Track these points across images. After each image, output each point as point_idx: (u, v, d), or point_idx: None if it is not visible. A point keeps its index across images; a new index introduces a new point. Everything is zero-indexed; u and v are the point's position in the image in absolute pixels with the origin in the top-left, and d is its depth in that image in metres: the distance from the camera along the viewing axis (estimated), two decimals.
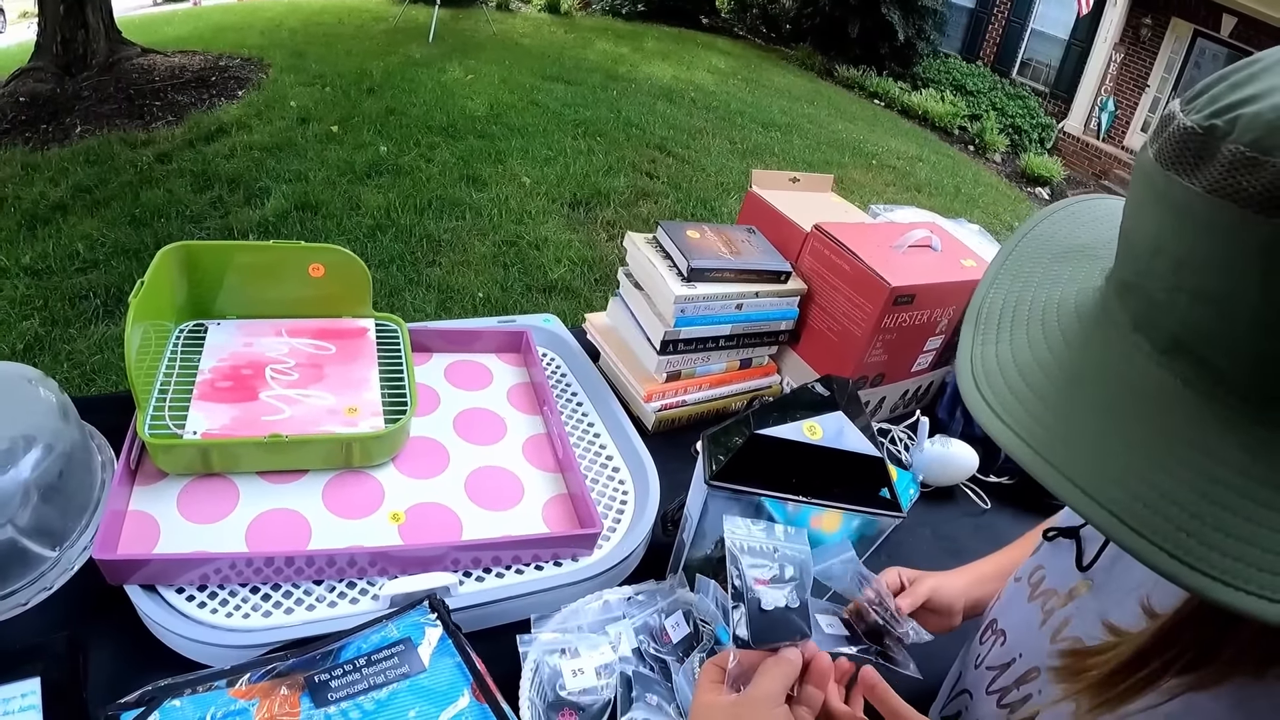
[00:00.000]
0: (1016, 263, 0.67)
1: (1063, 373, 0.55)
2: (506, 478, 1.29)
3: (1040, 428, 0.52)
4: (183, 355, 1.29)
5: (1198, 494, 0.47)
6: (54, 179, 5.23)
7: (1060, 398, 0.54)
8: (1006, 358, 0.58)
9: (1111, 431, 0.51)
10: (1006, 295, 0.64)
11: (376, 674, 0.88)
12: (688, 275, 1.43)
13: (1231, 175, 0.44)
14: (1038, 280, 0.64)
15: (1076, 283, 0.61)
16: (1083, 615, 0.78)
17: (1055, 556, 0.88)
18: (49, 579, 1.03)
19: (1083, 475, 0.49)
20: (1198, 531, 0.46)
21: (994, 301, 0.64)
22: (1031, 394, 0.55)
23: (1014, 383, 0.56)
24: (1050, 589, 0.86)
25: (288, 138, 6.11)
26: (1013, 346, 0.59)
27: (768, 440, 1.00)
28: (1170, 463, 0.48)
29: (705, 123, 8.41)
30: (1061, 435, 0.52)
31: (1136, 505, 0.47)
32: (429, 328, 1.51)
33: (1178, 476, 0.48)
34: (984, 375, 0.58)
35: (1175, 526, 0.46)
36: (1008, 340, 0.60)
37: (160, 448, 1.12)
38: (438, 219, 5.16)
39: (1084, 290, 0.60)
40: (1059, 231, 0.68)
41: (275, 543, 1.09)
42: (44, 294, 4.04)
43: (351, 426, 1.22)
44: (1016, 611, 0.90)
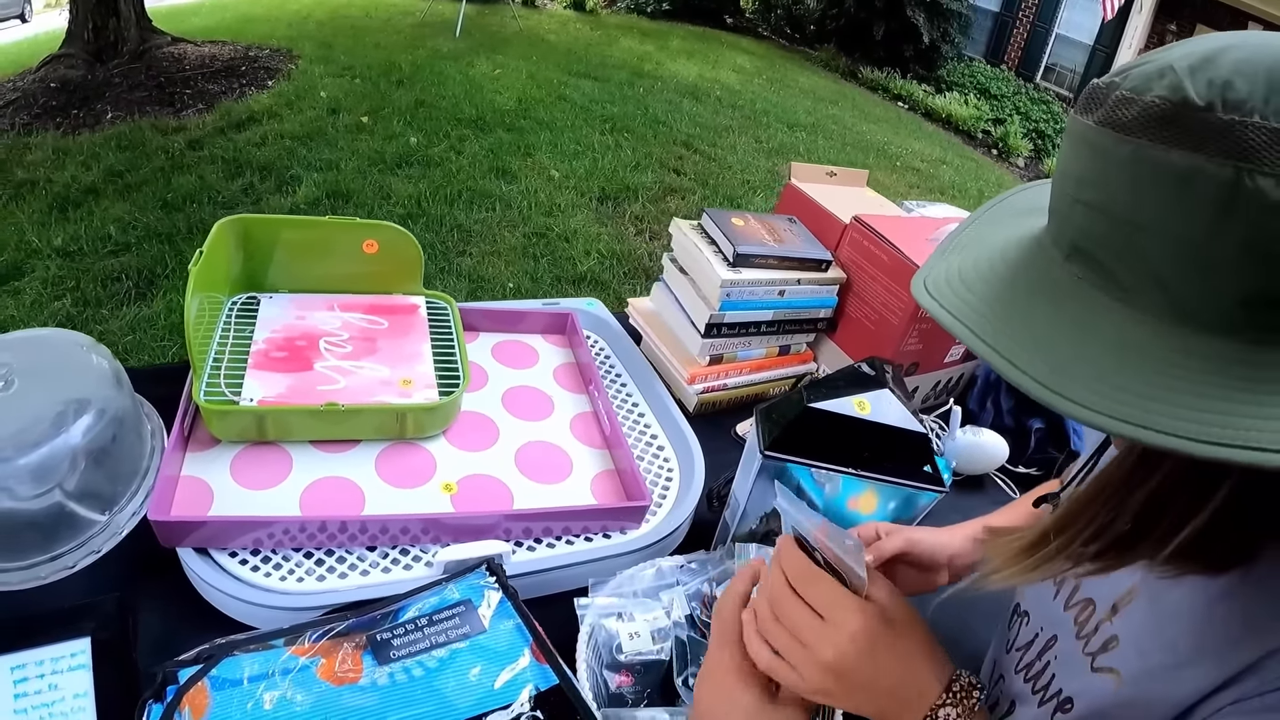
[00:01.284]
0: (988, 218, 0.76)
1: (995, 276, 0.64)
2: (555, 452, 1.31)
3: (972, 311, 0.62)
4: (236, 326, 1.31)
5: (1095, 364, 0.56)
6: (85, 163, 5.26)
7: (990, 291, 0.63)
8: (952, 269, 0.67)
9: (1029, 316, 0.60)
10: (972, 234, 0.73)
11: (438, 633, 0.90)
12: (733, 260, 1.44)
13: (1113, 110, 0.55)
14: (1003, 227, 0.71)
15: (1030, 228, 0.67)
16: (1089, 580, 0.81)
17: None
18: (97, 543, 1.03)
19: (1005, 346, 0.58)
20: (1102, 390, 0.54)
21: (961, 240, 0.73)
22: (965, 288, 0.64)
23: (954, 283, 0.65)
24: None
25: (318, 127, 6.14)
26: (959, 261, 0.68)
27: (819, 414, 1.01)
28: (1076, 336, 0.58)
29: (731, 121, 8.41)
30: (989, 318, 0.61)
31: (1045, 370, 0.56)
32: (476, 307, 1.53)
33: (1079, 346, 0.57)
34: (930, 279, 0.67)
35: (1083, 386, 0.55)
36: (955, 260, 0.69)
37: (216, 413, 1.13)
38: (468, 210, 5.18)
39: (1031, 229, 0.67)
40: (1032, 197, 0.74)
41: (329, 509, 1.11)
42: (75, 275, 4.07)
43: (406, 398, 1.23)
44: (1033, 591, 0.92)
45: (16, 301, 3.84)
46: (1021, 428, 1.64)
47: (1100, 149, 0.56)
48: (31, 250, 4.23)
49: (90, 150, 5.45)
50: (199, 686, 0.80)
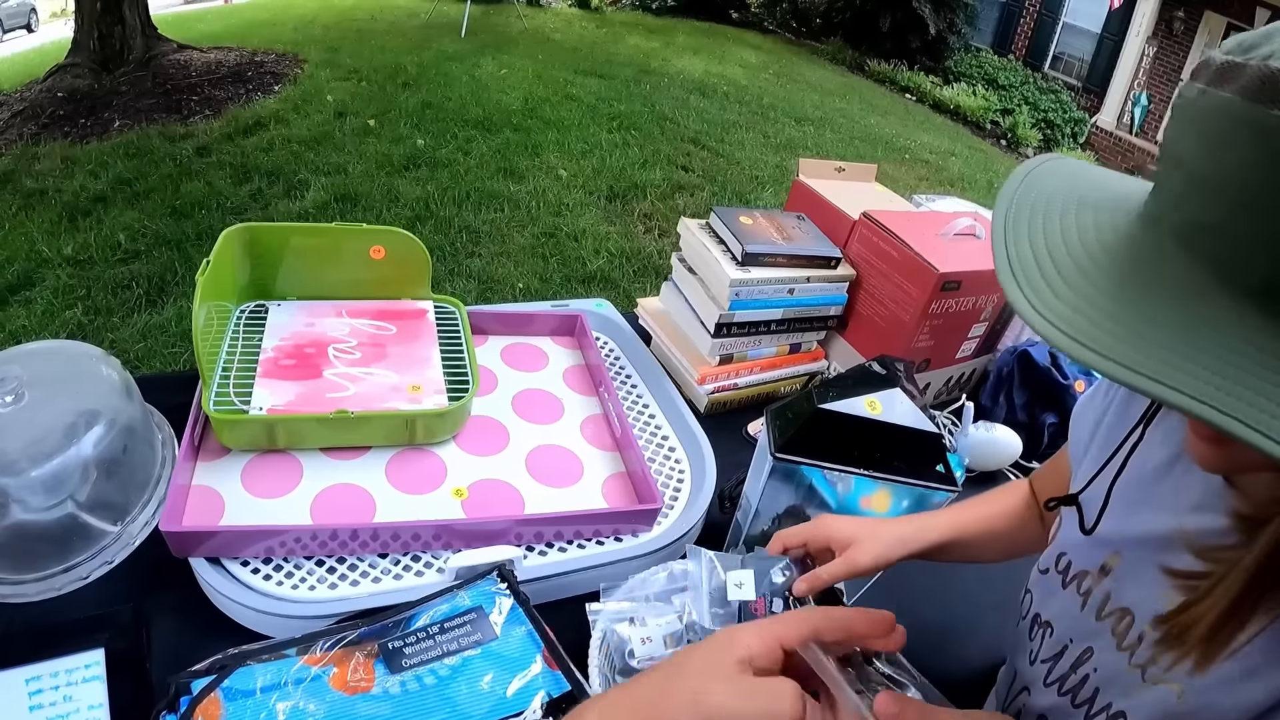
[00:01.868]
0: (1023, 212, 0.64)
1: (1100, 271, 0.55)
2: (566, 456, 1.30)
3: (1074, 314, 0.52)
4: (245, 334, 1.31)
5: (1218, 359, 0.48)
6: (94, 172, 5.29)
7: (1097, 293, 0.53)
8: (1047, 264, 0.57)
9: (1147, 316, 0.51)
10: (1033, 240, 0.60)
11: (450, 641, 0.90)
12: (742, 259, 1.44)
13: (1262, 82, 0.47)
14: (1059, 226, 0.61)
15: (1109, 230, 0.59)
16: (1121, 585, 0.79)
17: (1075, 539, 0.88)
18: (110, 553, 1.04)
19: (1128, 356, 0.48)
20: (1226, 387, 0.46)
21: (1020, 246, 0.60)
22: (1068, 289, 0.54)
23: (1054, 281, 0.55)
24: (1081, 571, 0.86)
25: (325, 131, 6.15)
26: (1061, 274, 0.56)
27: (830, 414, 1.01)
28: (1193, 333, 0.49)
29: (738, 117, 8.40)
30: (1104, 326, 0.51)
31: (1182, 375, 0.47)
32: (485, 310, 1.53)
33: (1202, 341, 0.49)
34: (1023, 275, 0.56)
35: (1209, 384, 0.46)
36: (1055, 274, 0.57)
37: (225, 423, 1.13)
38: (476, 211, 5.18)
39: (1120, 229, 0.58)
40: (1055, 186, 0.66)
41: (340, 516, 1.10)
42: (86, 283, 4.09)
43: (415, 404, 1.23)
44: (1055, 602, 0.89)
45: (28, 311, 3.86)
46: (1035, 423, 1.63)
47: (1242, 122, 0.48)
48: (42, 260, 4.25)
49: (99, 159, 5.47)
50: (212, 697, 0.80)
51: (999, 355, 1.73)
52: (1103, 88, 13.28)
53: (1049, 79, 13.87)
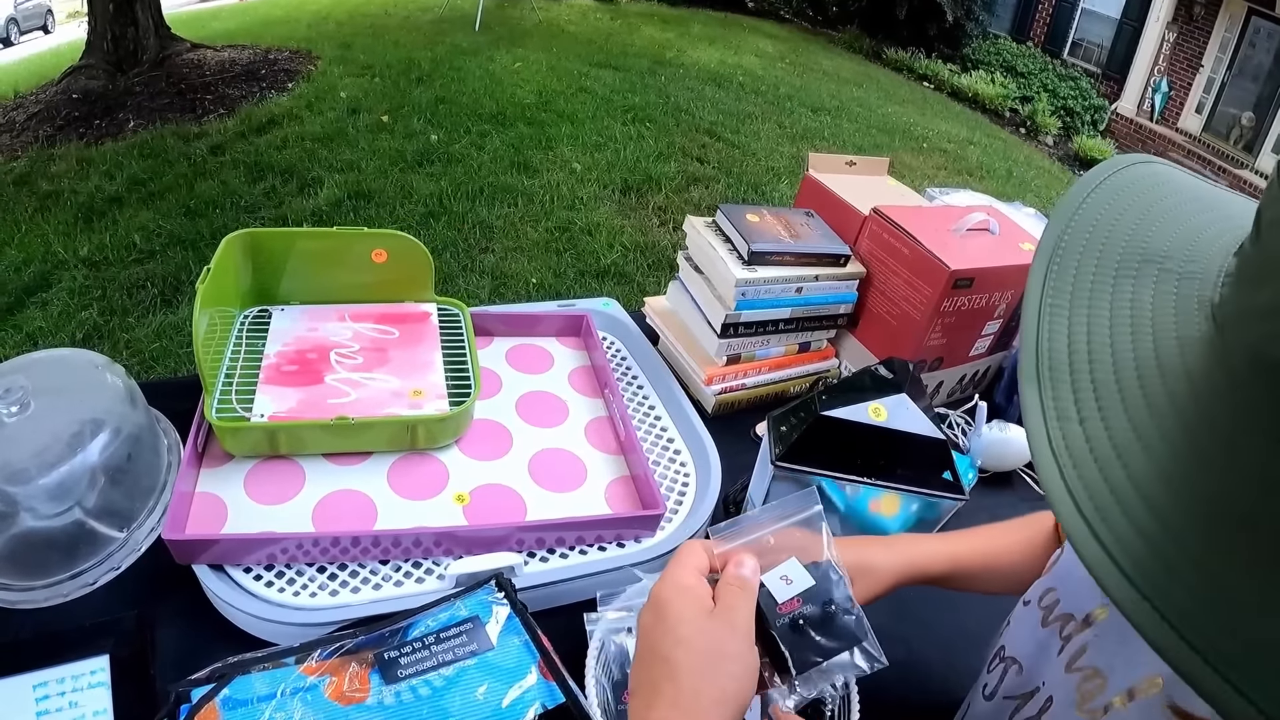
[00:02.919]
0: (1068, 268, 0.51)
1: (1193, 487, 0.40)
2: (569, 460, 1.29)
3: (1173, 582, 0.37)
4: (248, 340, 1.31)
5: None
6: (109, 173, 5.32)
7: (1197, 540, 0.38)
8: (1106, 453, 0.42)
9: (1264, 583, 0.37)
10: (1073, 330, 0.48)
11: (445, 651, 0.89)
12: (748, 258, 1.42)
13: None
14: (1108, 307, 0.48)
15: (1171, 322, 0.46)
16: (1102, 644, 0.72)
17: (1070, 579, 0.82)
18: (117, 559, 1.05)
19: (1225, 657, 0.35)
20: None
21: (1055, 339, 0.48)
22: (1156, 524, 0.39)
23: (1128, 502, 0.40)
24: (1066, 613, 0.79)
25: (339, 128, 6.17)
26: (1109, 430, 0.43)
27: (832, 422, 1.00)
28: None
29: (754, 107, 8.37)
30: (1203, 600, 0.37)
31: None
32: (490, 312, 1.52)
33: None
34: (1081, 484, 0.42)
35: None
36: (1097, 416, 0.44)
37: (228, 430, 1.13)
38: (490, 206, 5.18)
39: (1188, 340, 0.44)
40: (1114, 220, 0.53)
41: (341, 523, 1.10)
42: (102, 284, 4.12)
43: (416, 409, 1.23)
44: (1030, 638, 0.83)
45: (44, 313, 3.88)
46: None
47: None
48: (58, 261, 4.28)
49: (113, 159, 5.51)
50: (210, 707, 0.80)
51: (1013, 353, 1.71)
52: (1122, 74, 13.17)
53: (1068, 65, 13.77)
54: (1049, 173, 9.91)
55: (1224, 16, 11.91)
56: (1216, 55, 12.07)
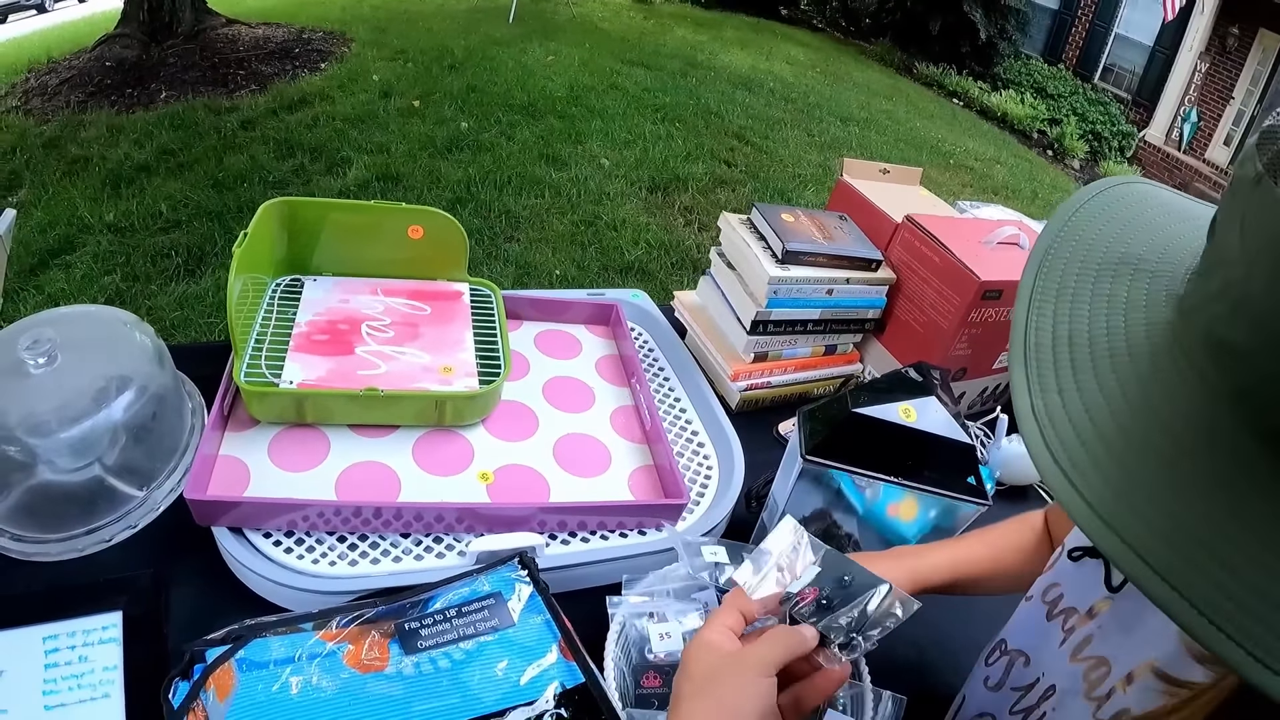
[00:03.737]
0: (1054, 271, 0.59)
1: (1149, 442, 0.48)
2: (594, 445, 1.30)
3: (1132, 515, 0.46)
4: (279, 308, 1.31)
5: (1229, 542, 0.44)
6: (139, 141, 5.35)
7: (1153, 479, 0.47)
8: (1079, 413, 0.50)
9: (1210, 523, 0.45)
10: (1056, 321, 0.56)
11: (466, 625, 0.89)
12: (782, 257, 1.42)
13: None
14: (1088, 301, 0.56)
15: (1142, 311, 0.54)
16: (1106, 634, 0.76)
17: (1074, 575, 0.85)
18: (134, 518, 1.05)
19: (1181, 577, 0.43)
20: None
21: (1041, 329, 0.56)
22: (1119, 470, 0.47)
23: (1095, 453, 0.48)
24: (1069, 607, 0.83)
25: (369, 110, 6.18)
26: (1083, 397, 0.51)
27: (863, 419, 1.00)
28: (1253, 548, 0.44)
29: (783, 114, 8.36)
30: (1156, 527, 0.45)
31: (1241, 615, 0.42)
32: (521, 295, 1.52)
33: (1260, 562, 0.43)
34: (1057, 438, 0.50)
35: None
36: (1074, 387, 0.52)
37: (255, 395, 1.13)
38: (517, 196, 5.19)
39: (1155, 325, 0.53)
40: (1098, 231, 0.61)
41: (365, 494, 1.10)
42: (126, 250, 4.14)
43: (446, 385, 1.23)
44: (1033, 631, 0.87)
45: (67, 276, 3.90)
46: None
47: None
48: (84, 225, 4.30)
49: (144, 129, 5.54)
50: (225, 667, 0.80)
51: None
52: (1153, 102, 13.12)
53: (1099, 90, 13.72)
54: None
55: (1257, 49, 11.85)
56: (1248, 88, 12.00)
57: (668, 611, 0.95)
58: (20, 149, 5.30)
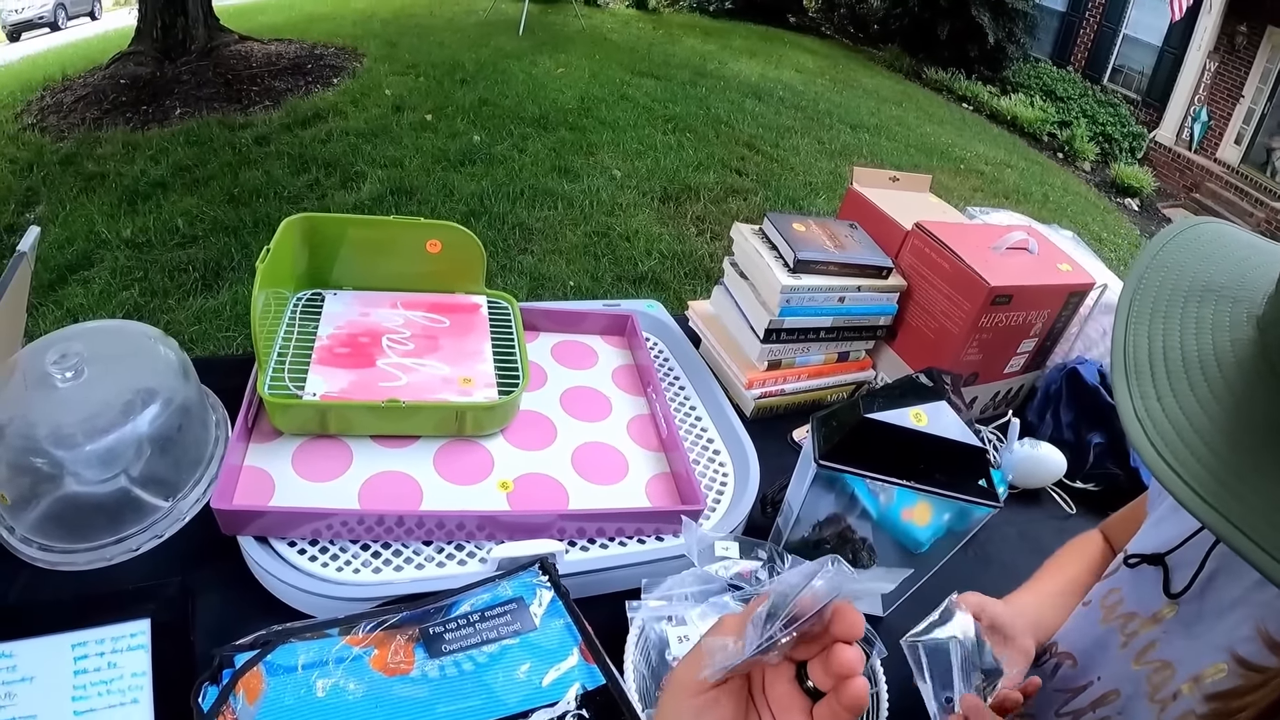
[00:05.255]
0: (1147, 297, 0.66)
1: (1239, 433, 0.55)
2: (611, 453, 1.31)
3: (1226, 492, 0.52)
4: (301, 322, 1.33)
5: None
6: (154, 158, 5.40)
7: (1242, 462, 0.54)
8: (1177, 415, 0.57)
9: (1243, 452, 0.54)
10: (1151, 339, 0.63)
11: (489, 629, 0.91)
12: (794, 266, 1.44)
13: None
14: (1179, 322, 0.64)
15: (1226, 330, 0.61)
16: (1170, 638, 0.78)
17: (1135, 581, 0.88)
18: (160, 527, 1.07)
19: (1267, 538, 0.49)
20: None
21: (1138, 346, 0.63)
22: (1213, 456, 0.54)
23: (1193, 445, 0.55)
24: (1130, 612, 0.86)
25: (383, 124, 6.22)
26: (1179, 402, 0.58)
27: (875, 424, 1.01)
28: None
29: (793, 121, 8.37)
30: (1246, 499, 0.52)
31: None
32: (537, 307, 1.54)
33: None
34: (1158, 435, 0.56)
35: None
36: (1170, 394, 0.59)
37: (279, 407, 1.15)
38: (530, 208, 5.22)
39: (1239, 341, 0.60)
40: (1184, 263, 0.69)
41: (387, 503, 1.12)
42: (144, 266, 4.17)
43: (466, 396, 1.25)
44: (1087, 635, 0.90)
45: (86, 290, 3.94)
46: (1081, 441, 1.61)
47: None
48: (101, 241, 4.34)
49: (159, 145, 5.58)
50: (254, 671, 0.81)
51: (1048, 372, 1.72)
52: (1162, 102, 13.04)
53: (1108, 92, 13.66)
54: (1085, 198, 9.84)
55: (1266, 47, 11.79)
56: (1258, 86, 11.93)
57: (687, 615, 0.97)
58: (37, 166, 5.35)
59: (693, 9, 14.55)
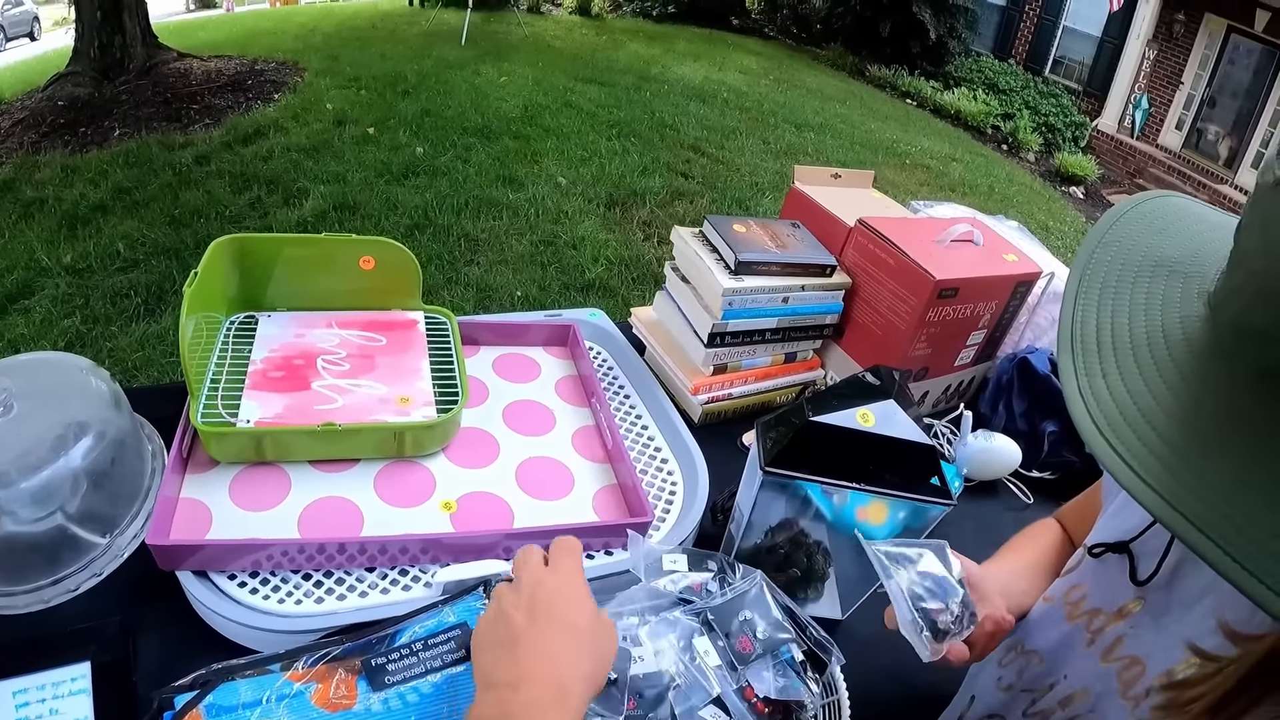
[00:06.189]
0: (1098, 273, 0.66)
1: (1185, 416, 0.55)
2: (556, 468, 1.29)
3: (1172, 478, 0.52)
4: (234, 346, 1.30)
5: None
6: (94, 180, 5.30)
7: (1187, 445, 0.53)
8: (1122, 394, 0.57)
9: (1241, 480, 0.51)
10: (1100, 315, 0.62)
11: (433, 658, 0.88)
12: (735, 268, 1.43)
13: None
14: (1128, 298, 0.63)
15: (1176, 307, 0.61)
16: (1138, 633, 0.77)
17: (1098, 575, 0.87)
18: (99, 565, 1.04)
19: (1214, 527, 0.48)
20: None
21: (1086, 322, 0.62)
22: (1159, 440, 0.54)
23: (1138, 427, 0.55)
24: (1095, 608, 0.85)
25: (324, 139, 6.17)
26: (1125, 381, 0.57)
27: (821, 427, 1.00)
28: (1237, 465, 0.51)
29: (738, 123, 8.40)
30: (1192, 486, 0.51)
31: (1267, 559, 0.47)
32: (477, 321, 1.52)
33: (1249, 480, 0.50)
34: (1102, 415, 0.56)
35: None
36: (1116, 372, 0.58)
37: (213, 435, 1.13)
38: (475, 218, 5.18)
39: (1188, 319, 0.59)
40: (1136, 237, 0.68)
41: (327, 530, 1.10)
42: (85, 292, 4.10)
43: (404, 416, 1.22)
44: (1052, 633, 0.89)
45: (27, 320, 3.86)
46: (1035, 431, 1.62)
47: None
48: (41, 268, 4.26)
49: (98, 168, 5.49)
50: (194, 713, 0.79)
51: (998, 362, 1.72)
52: (1104, 91, 13.23)
53: (1050, 83, 13.82)
54: (1030, 188, 9.95)
55: (1204, 34, 11.99)
56: (1196, 72, 12.14)
57: (640, 633, 0.94)
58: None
59: (636, 14, 14.57)
